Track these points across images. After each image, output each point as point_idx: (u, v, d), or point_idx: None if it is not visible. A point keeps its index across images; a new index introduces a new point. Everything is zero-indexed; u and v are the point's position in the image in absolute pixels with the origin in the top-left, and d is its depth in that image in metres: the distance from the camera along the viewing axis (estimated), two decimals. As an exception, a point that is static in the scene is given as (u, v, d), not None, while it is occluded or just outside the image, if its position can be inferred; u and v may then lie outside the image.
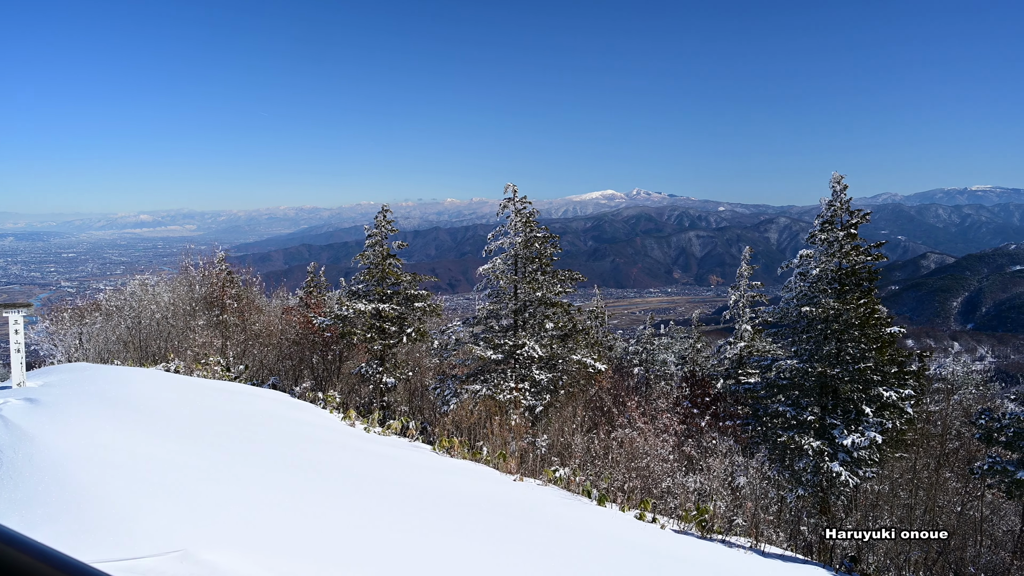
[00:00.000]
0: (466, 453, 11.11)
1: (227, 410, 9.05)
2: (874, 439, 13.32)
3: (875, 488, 14.77)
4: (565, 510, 8.20)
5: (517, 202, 16.18)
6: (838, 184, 14.51)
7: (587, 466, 11.92)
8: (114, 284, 27.51)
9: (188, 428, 7.17)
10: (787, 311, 15.23)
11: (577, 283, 16.67)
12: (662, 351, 32.67)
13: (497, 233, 16.29)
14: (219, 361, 15.63)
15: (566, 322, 16.65)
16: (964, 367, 26.98)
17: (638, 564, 6.30)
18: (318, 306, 21.36)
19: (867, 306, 14.02)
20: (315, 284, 24.05)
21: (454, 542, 5.21)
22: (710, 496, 11.09)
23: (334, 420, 11.70)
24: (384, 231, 18.04)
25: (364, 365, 17.96)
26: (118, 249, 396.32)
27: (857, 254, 14.30)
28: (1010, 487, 9.74)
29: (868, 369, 13.91)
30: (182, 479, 5.04)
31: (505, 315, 16.52)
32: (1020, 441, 9.62)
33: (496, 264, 16.00)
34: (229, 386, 12.22)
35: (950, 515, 14.82)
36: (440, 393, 16.32)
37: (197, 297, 22.03)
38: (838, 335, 14.35)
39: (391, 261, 18.10)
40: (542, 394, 15.91)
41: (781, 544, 10.86)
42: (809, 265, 14.86)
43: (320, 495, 5.61)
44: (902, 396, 13.89)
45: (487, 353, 15.47)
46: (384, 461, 8.53)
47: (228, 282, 21.78)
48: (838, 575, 8.50)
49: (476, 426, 13.53)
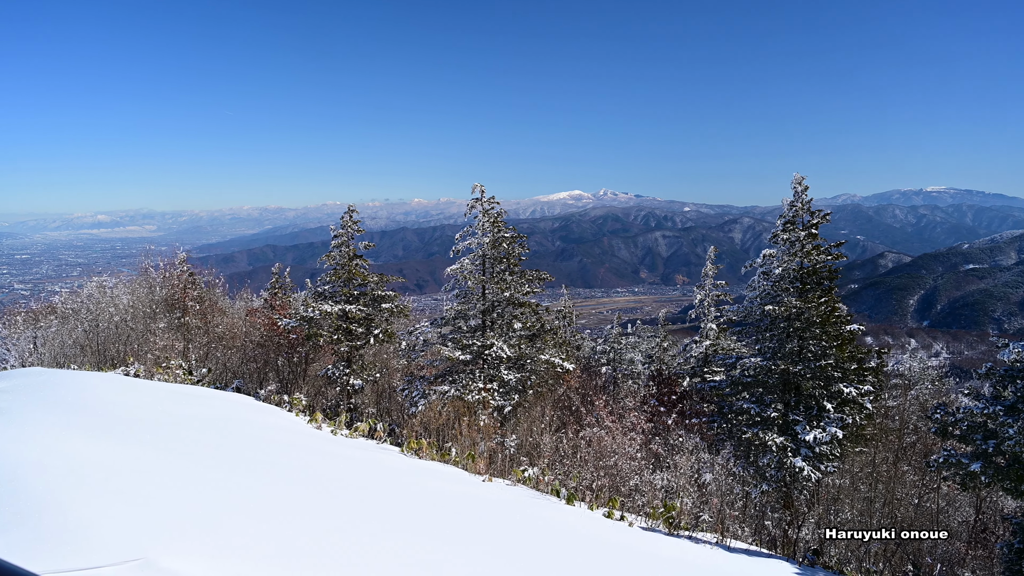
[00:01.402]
0: (435, 454, 11.06)
1: (189, 414, 8.86)
2: (835, 434, 13.62)
3: (836, 482, 15.10)
4: (534, 510, 8.22)
5: (485, 202, 16.17)
6: (799, 185, 14.81)
7: (556, 465, 11.96)
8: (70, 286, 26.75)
9: (148, 433, 7.00)
10: (751, 310, 15.48)
11: (545, 283, 16.72)
12: (629, 350, 32.96)
13: (465, 233, 16.26)
14: (181, 364, 15.31)
15: (534, 322, 16.69)
16: (920, 363, 27.73)
17: (607, 561, 6.34)
18: (283, 308, 21.05)
19: (828, 304, 14.32)
20: (280, 285, 23.71)
21: (423, 543, 5.18)
22: (677, 493, 11.22)
23: (300, 423, 11.55)
24: (350, 231, 17.87)
25: (331, 367, 17.76)
26: (75, 250, 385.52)
27: (818, 253, 14.61)
28: (964, 479, 10.04)
29: (829, 366, 14.21)
30: (142, 485, 4.93)
31: (473, 315, 16.50)
32: (973, 435, 9.92)
33: (464, 264, 15.97)
34: (191, 390, 11.98)
35: (908, 507, 15.24)
36: (408, 394, 16.22)
37: (157, 299, 21.55)
38: (800, 333, 14.64)
39: (358, 262, 17.93)
40: (511, 394, 15.92)
41: (746, 539, 11.04)
42: (772, 264, 15.13)
43: (286, 499, 5.53)
44: (861, 392, 14.22)
45: (455, 354, 15.42)
46: (351, 464, 8.44)
47: (190, 283, 21.35)
48: (801, 568, 8.67)
49: (445, 427, 13.47)
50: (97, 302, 20.99)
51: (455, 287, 16.46)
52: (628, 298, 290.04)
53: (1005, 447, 9.26)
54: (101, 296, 21.43)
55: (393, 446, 11.83)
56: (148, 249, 24.17)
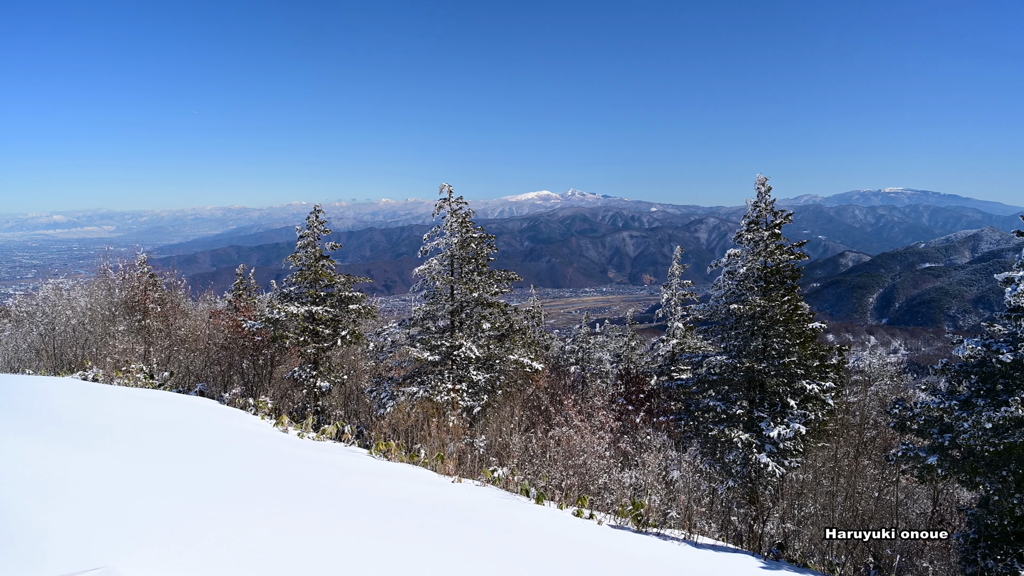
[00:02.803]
0: (403, 456, 10.99)
1: (150, 419, 8.67)
2: (798, 430, 13.89)
3: (800, 477, 15.40)
4: (504, 510, 8.21)
5: (453, 202, 16.12)
6: (763, 186, 15.07)
7: (525, 465, 11.97)
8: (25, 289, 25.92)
9: (108, 439, 6.83)
10: (716, 309, 15.70)
11: (514, 283, 16.74)
12: (598, 349, 33.19)
13: (433, 234, 16.19)
14: (142, 368, 14.95)
15: (503, 322, 16.69)
16: (880, 360, 28.44)
17: (576, 560, 6.37)
18: (248, 309, 20.71)
19: (791, 303, 14.60)
20: (245, 287, 23.34)
21: (391, 547, 5.13)
22: (645, 491, 11.33)
23: (266, 426, 11.37)
24: (317, 232, 17.67)
25: (297, 369, 17.53)
26: (29, 251, 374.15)
27: (781, 253, 14.88)
28: (922, 472, 10.32)
29: (792, 363, 14.49)
30: (102, 493, 4.80)
31: (442, 316, 16.44)
32: (930, 429, 10.20)
33: (432, 265, 15.90)
34: (153, 394, 11.73)
35: (868, 500, 15.61)
36: (376, 396, 16.10)
37: (117, 301, 21.03)
38: (764, 331, 14.90)
39: (324, 263, 17.74)
40: (480, 395, 15.90)
41: (713, 535, 11.19)
42: (737, 264, 15.37)
43: (251, 504, 5.44)
44: (824, 389, 14.54)
45: (424, 355, 15.34)
46: (319, 467, 8.34)
47: (151, 285, 20.89)
48: (766, 562, 8.81)
49: (414, 428, 13.40)
50: (53, 305, 20.43)
51: (423, 288, 16.38)
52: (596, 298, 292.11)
53: (960, 440, 9.54)
54: (57, 299, 20.86)
55: (361, 448, 11.73)
56: (107, 250, 23.56)
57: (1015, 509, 9.15)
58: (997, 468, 9.38)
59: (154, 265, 22.44)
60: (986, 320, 10.71)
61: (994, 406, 9.35)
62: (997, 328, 10.36)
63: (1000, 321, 10.35)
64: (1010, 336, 9.90)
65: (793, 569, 8.81)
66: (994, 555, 9.69)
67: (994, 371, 9.86)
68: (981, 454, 9.44)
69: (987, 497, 9.74)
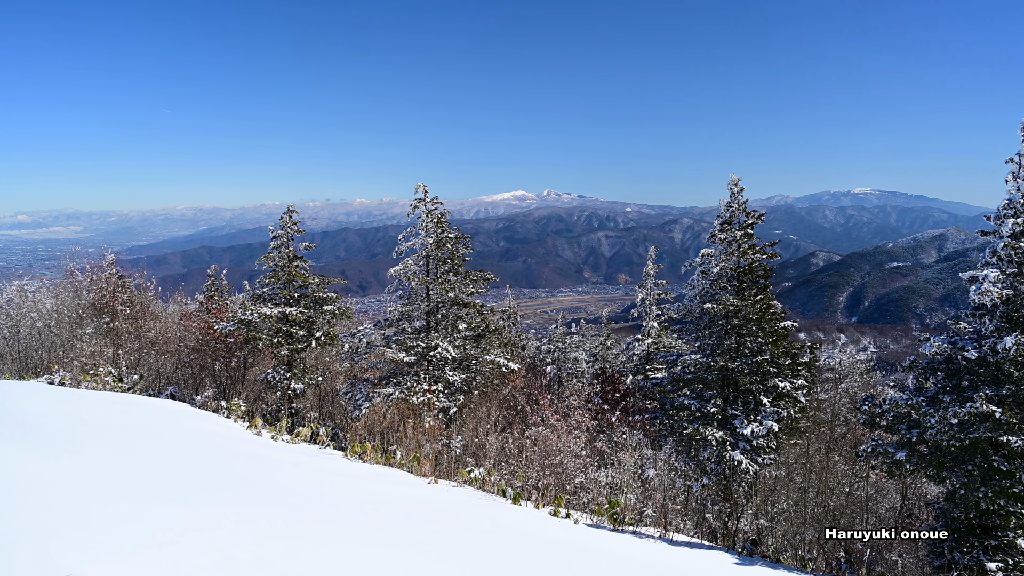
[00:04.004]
0: (379, 458, 10.92)
1: (120, 423, 8.50)
2: (771, 428, 14.08)
3: (773, 474, 15.62)
4: (480, 510, 8.20)
5: (428, 202, 16.06)
6: (735, 186, 15.24)
7: (502, 465, 11.97)
8: (-12, 290, 25.22)
9: (76, 444, 6.68)
10: (691, 308, 15.85)
11: (489, 283, 16.73)
12: (574, 349, 33.32)
13: (408, 234, 16.11)
14: (110, 371, 14.66)
15: (479, 322, 16.67)
16: (850, 357, 29.00)
17: (552, 560, 6.38)
18: (220, 311, 20.41)
19: (763, 302, 14.79)
20: (217, 288, 23.00)
21: (367, 549, 5.09)
22: (621, 489, 11.39)
23: (239, 429, 11.22)
24: (290, 232, 17.49)
25: (271, 371, 17.33)
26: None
27: (754, 253, 15.07)
28: (891, 467, 10.52)
29: (765, 361, 14.68)
30: (70, 499, 4.69)
31: (417, 317, 16.37)
32: (899, 425, 10.41)
33: (407, 265, 15.82)
34: (122, 398, 11.51)
35: (840, 496, 15.88)
36: (351, 398, 15.97)
37: (84, 304, 20.59)
38: (737, 330, 15.07)
39: (298, 263, 17.56)
40: (456, 395, 15.86)
41: (688, 532, 11.29)
42: (710, 264, 15.53)
43: (223, 508, 5.36)
44: (796, 386, 14.75)
45: (400, 355, 15.26)
46: (293, 470, 8.25)
47: (119, 287, 20.49)
48: (741, 558, 8.91)
49: (389, 430, 13.32)
50: (18, 307, 19.95)
51: (399, 288, 16.30)
52: (572, 298, 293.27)
53: (928, 436, 9.75)
54: (22, 301, 20.37)
55: (336, 450, 11.63)
56: (74, 251, 23.05)
57: (980, 503, 9.38)
58: (963, 463, 9.60)
59: (123, 266, 22.00)
60: (952, 318, 10.97)
61: (960, 402, 9.57)
62: (962, 326, 10.61)
63: (965, 319, 10.60)
64: (975, 334, 10.14)
65: (766, 564, 8.92)
66: (960, 548, 9.91)
67: (960, 368, 10.09)
68: (948, 449, 9.66)
69: (954, 491, 9.96)
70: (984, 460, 9.32)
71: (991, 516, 9.67)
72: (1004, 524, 9.66)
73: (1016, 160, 9.66)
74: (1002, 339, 9.26)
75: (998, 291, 9.38)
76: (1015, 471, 9.07)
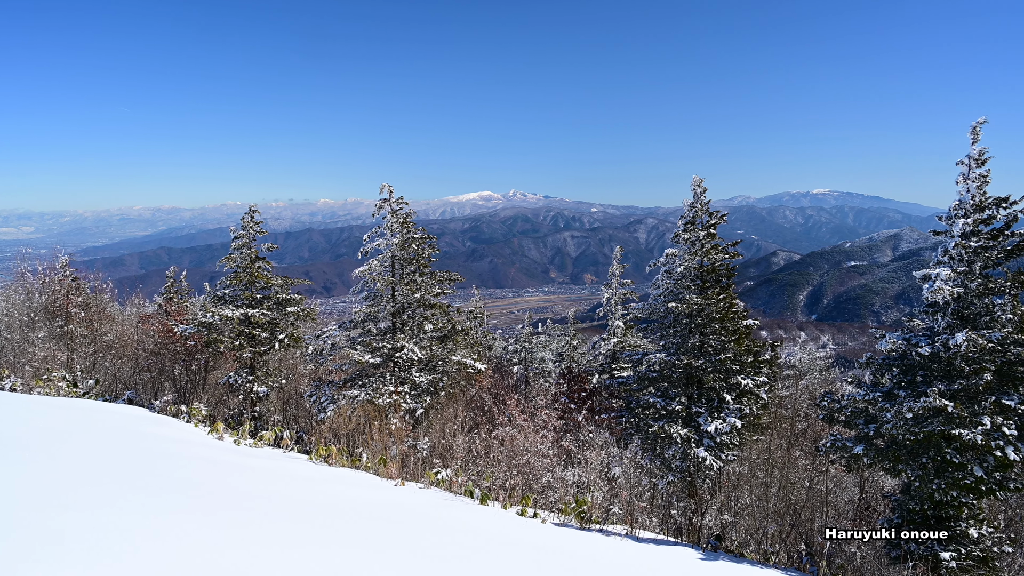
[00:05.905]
0: (345, 460, 10.81)
1: (74, 429, 8.25)
2: (734, 424, 14.31)
3: (736, 470, 15.87)
4: (447, 512, 8.17)
5: (393, 203, 15.94)
6: (698, 187, 15.45)
7: (469, 466, 11.94)
8: (-67, 294, 24.23)
9: (26, 451, 6.46)
10: (655, 307, 16.02)
11: (456, 284, 16.66)
12: (540, 349, 33.41)
13: (373, 234, 15.97)
14: (64, 376, 14.23)
15: (445, 323, 16.60)
16: (810, 355, 29.66)
17: (520, 560, 6.38)
18: (180, 313, 19.95)
19: (726, 301, 15.03)
20: (176, 290, 22.48)
21: (333, 552, 5.03)
22: (588, 488, 11.46)
23: (200, 434, 11.00)
24: (252, 233, 17.19)
25: (233, 374, 17.00)
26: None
27: (716, 252, 15.29)
28: (849, 461, 10.79)
29: (728, 359, 14.91)
30: (22, 509, 4.53)
31: (383, 317, 16.23)
32: (856, 420, 10.68)
33: (373, 266, 15.67)
34: (77, 403, 11.19)
35: (800, 490, 16.21)
36: (316, 400, 15.77)
37: (36, 307, 19.94)
38: (701, 329, 15.28)
39: (260, 264, 17.27)
40: (423, 396, 15.76)
41: (654, 529, 11.42)
42: (674, 263, 15.71)
43: (185, 515, 5.23)
44: (758, 383, 15.02)
45: (365, 357, 15.11)
46: (257, 474, 8.11)
47: (73, 289, 19.90)
48: (705, 553, 9.05)
49: (355, 432, 13.18)
50: (-35, 311, 19.20)
51: (364, 289, 16.14)
52: (539, 298, 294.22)
53: (884, 430, 10.03)
54: (-30, 304, 19.62)
55: (301, 454, 11.48)
56: (25, 252, 22.35)
57: (934, 494, 9.67)
58: (917, 456, 9.89)
59: (77, 268, 21.39)
60: (906, 315, 11.29)
61: (914, 397, 9.86)
62: (916, 323, 10.94)
63: (919, 316, 10.93)
64: (928, 330, 10.46)
65: (730, 559, 9.07)
66: (916, 538, 10.21)
67: (914, 364, 10.40)
68: (903, 443, 9.94)
69: (909, 484, 10.26)
70: (938, 453, 9.61)
71: (945, 507, 9.99)
72: (957, 515, 9.99)
73: (966, 162, 9.98)
74: (954, 335, 9.57)
75: (949, 289, 9.69)
76: (967, 463, 9.37)
